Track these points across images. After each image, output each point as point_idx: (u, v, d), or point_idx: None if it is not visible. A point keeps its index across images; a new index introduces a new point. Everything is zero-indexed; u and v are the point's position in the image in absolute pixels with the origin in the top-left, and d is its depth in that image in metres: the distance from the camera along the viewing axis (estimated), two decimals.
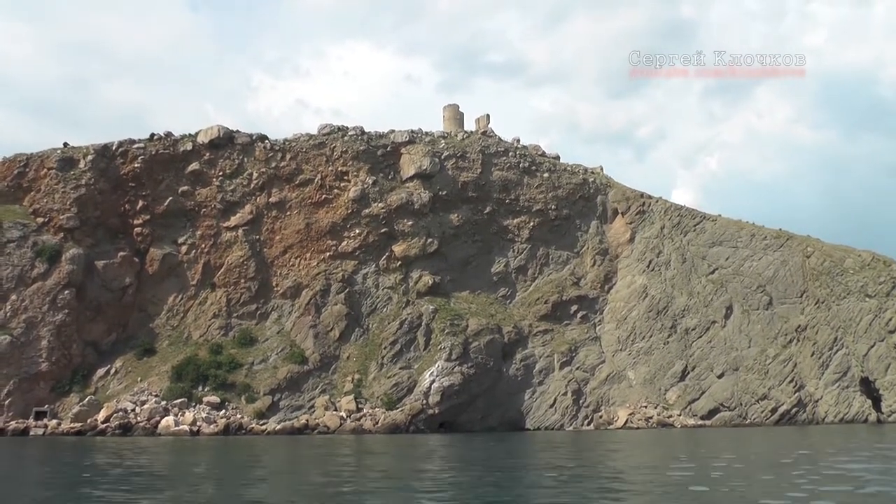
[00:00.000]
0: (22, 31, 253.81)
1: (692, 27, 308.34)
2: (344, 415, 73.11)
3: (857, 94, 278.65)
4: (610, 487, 19.70)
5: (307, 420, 72.15)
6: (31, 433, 67.62)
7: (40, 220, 78.99)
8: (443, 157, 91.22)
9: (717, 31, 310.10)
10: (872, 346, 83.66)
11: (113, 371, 77.37)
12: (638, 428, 77.00)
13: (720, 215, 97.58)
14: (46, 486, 22.99)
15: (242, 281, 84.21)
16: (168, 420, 68.31)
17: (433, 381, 75.70)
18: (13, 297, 74.31)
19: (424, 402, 74.48)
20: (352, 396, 75.51)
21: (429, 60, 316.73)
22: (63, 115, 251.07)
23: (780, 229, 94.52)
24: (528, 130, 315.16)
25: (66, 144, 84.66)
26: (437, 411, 74.52)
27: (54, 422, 70.06)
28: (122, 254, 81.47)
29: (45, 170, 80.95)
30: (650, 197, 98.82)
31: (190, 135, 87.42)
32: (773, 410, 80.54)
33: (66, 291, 76.32)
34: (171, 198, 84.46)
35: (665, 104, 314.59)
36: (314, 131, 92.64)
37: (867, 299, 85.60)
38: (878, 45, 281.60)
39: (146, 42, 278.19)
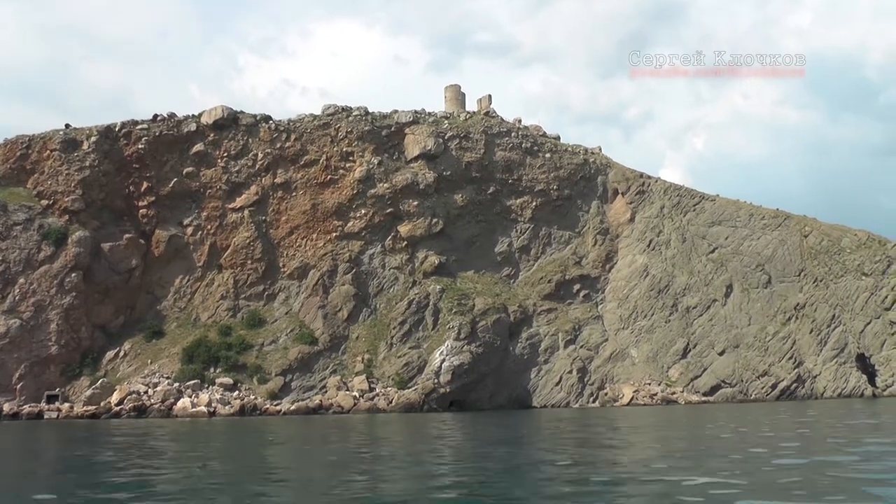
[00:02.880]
0: (1, 12, 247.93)
1: (680, 7, 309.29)
2: (357, 394, 73.81)
3: (842, 75, 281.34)
4: None
5: (321, 400, 72.77)
6: (46, 416, 67.55)
7: (45, 202, 78.23)
8: (446, 137, 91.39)
9: (705, 13, 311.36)
10: (868, 324, 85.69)
11: (122, 354, 77.34)
12: (644, 405, 78.55)
13: (718, 195, 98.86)
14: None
15: (249, 262, 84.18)
16: (184, 402, 68.59)
17: (444, 360, 76.53)
18: (21, 280, 73.80)
19: (436, 380, 75.35)
20: (363, 376, 76.19)
21: (417, 40, 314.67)
22: (46, 97, 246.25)
23: (778, 209, 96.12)
24: (518, 111, 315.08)
25: (67, 126, 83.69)
26: (448, 390, 75.44)
27: (67, 405, 70.01)
28: (127, 236, 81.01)
29: (49, 151, 80.00)
30: (650, 177, 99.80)
31: (193, 115, 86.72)
32: (774, 386, 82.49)
33: (74, 274, 75.90)
34: (175, 179, 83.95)
35: (653, 85, 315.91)
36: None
37: (864, 278, 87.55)
38: (863, 26, 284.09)
39: (128, 23, 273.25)
